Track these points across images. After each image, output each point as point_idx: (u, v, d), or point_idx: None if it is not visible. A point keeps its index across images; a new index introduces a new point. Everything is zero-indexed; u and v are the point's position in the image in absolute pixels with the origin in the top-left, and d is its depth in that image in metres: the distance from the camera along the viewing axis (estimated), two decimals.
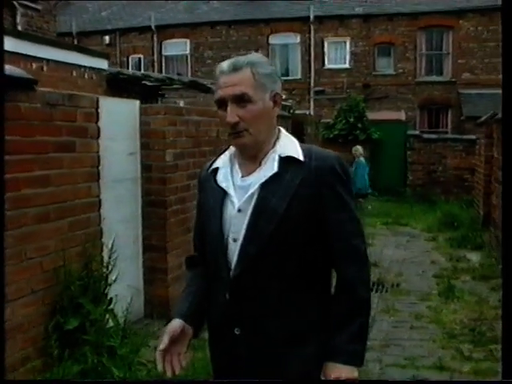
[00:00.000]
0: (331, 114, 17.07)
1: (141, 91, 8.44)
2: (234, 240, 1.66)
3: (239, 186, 1.69)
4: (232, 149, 1.77)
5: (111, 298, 3.61)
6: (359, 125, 14.33)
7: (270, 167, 1.66)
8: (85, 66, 7.46)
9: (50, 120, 3.27)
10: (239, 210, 1.66)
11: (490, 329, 4.72)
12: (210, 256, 1.75)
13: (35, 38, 7.33)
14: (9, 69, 3.11)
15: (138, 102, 4.64)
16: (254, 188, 1.65)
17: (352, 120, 14.30)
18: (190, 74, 22.52)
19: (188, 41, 22.96)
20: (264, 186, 1.64)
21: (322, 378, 1.63)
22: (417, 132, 15.66)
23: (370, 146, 14.35)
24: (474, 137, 12.05)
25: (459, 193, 13.04)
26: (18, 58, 6.19)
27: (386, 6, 20.69)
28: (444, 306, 5.49)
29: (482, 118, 9.17)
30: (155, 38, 23.23)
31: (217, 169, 1.76)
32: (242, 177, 1.70)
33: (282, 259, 1.63)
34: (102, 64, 7.92)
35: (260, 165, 1.68)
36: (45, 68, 6.69)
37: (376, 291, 6.13)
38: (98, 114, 3.74)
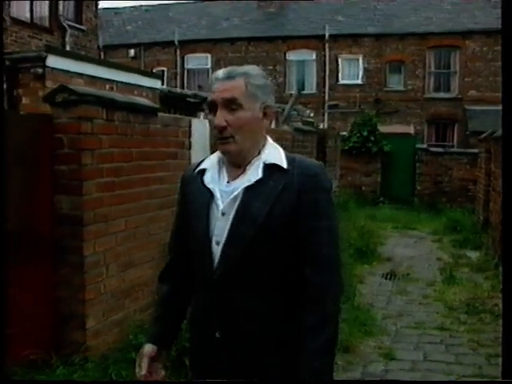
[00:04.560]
0: (344, 127, 18.38)
1: (186, 107, 9.78)
2: (217, 243, 1.69)
3: (224, 190, 1.72)
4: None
5: None
6: (372, 138, 15.60)
7: (254, 173, 1.70)
8: (143, 86, 8.79)
9: (164, 136, 4.57)
10: (223, 214, 1.70)
11: (482, 304, 5.98)
12: (194, 257, 1.78)
13: (109, 63, 8.68)
14: (142, 100, 4.44)
15: (207, 121, 5.93)
16: (238, 192, 1.69)
17: (365, 133, 15.58)
18: None
19: (209, 55, 24.29)
20: (247, 190, 1.68)
21: None
22: (425, 145, 16.86)
23: (381, 158, 15.65)
24: (476, 151, 13.27)
25: (463, 201, 14.23)
26: (96, 80, 7.54)
27: (397, 27, 22.02)
28: (446, 289, 6.74)
29: (483, 135, 10.42)
30: (178, 52, 24.59)
31: (204, 170, 1.79)
32: (228, 182, 1.74)
33: (262, 263, 1.66)
34: (156, 84, 9.25)
35: (245, 171, 1.72)
36: (114, 88, 8.00)
37: (390, 279, 7.39)
38: (190, 131, 5.05)
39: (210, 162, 1.80)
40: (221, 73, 1.71)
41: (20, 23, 12.51)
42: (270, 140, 1.78)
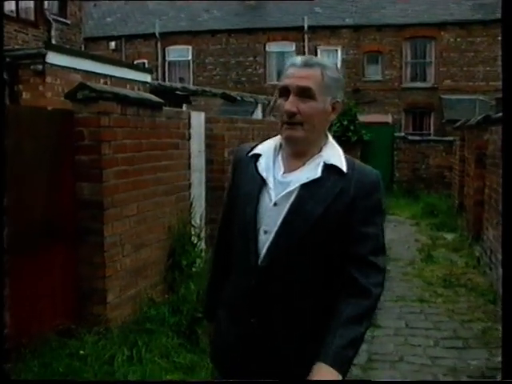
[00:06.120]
0: None
1: (174, 99, 10.17)
2: (265, 232, 1.71)
3: (279, 180, 1.72)
4: (277, 139, 1.80)
5: (201, 249, 5.34)
6: (351, 127, 16.10)
7: (313, 170, 1.70)
8: (135, 80, 9.16)
9: (168, 128, 4.99)
10: (275, 204, 1.70)
11: (457, 279, 6.54)
12: (239, 242, 1.79)
13: (103, 58, 9.02)
14: (149, 96, 4.84)
15: (203, 114, 6.35)
16: (295, 186, 1.69)
17: (345, 123, 16.08)
18: (191, 78, 24.19)
19: (190, 47, 24.51)
20: (304, 186, 1.68)
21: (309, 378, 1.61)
22: (402, 134, 17.45)
23: (361, 147, 16.18)
24: (452, 138, 13.88)
25: (439, 187, 14.85)
26: (91, 75, 7.88)
27: (375, 18, 22.54)
28: (425, 267, 7.30)
29: (457, 124, 11.00)
30: (159, 45, 24.77)
31: (258, 155, 1.79)
32: (284, 173, 1.73)
33: (308, 258, 1.69)
34: (147, 78, 9.62)
35: (304, 165, 1.72)
36: (108, 82, 8.35)
37: None
38: (190, 123, 5.47)
39: (266, 148, 1.80)
40: (299, 60, 1.70)
41: (6, 17, 12.67)
42: (331, 138, 1.80)
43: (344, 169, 1.71)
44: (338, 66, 22.57)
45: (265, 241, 1.70)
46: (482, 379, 3.95)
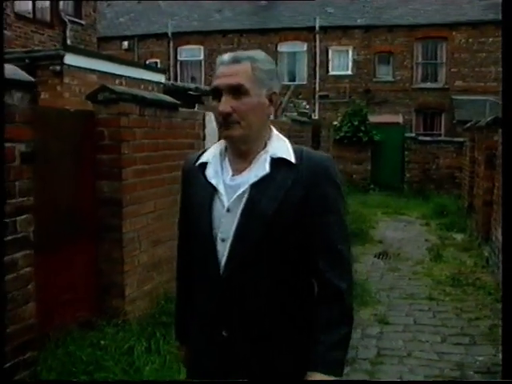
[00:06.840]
0: (335, 117, 19.00)
1: (186, 99, 10.33)
2: (223, 240, 1.64)
3: (229, 184, 1.65)
4: (222, 143, 1.74)
5: None
6: (362, 128, 16.20)
7: (261, 167, 1.63)
8: (149, 80, 9.33)
9: (183, 128, 5.14)
10: (228, 210, 1.63)
11: (465, 278, 6.64)
12: (198, 255, 1.73)
13: (118, 59, 9.22)
14: (166, 97, 4.99)
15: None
16: (244, 188, 1.62)
17: (356, 123, 16.18)
18: (203, 78, 24.39)
19: (202, 47, 24.74)
20: (254, 186, 1.62)
21: None
22: (413, 134, 17.48)
23: (371, 147, 16.28)
24: (462, 139, 13.93)
25: (450, 188, 14.89)
26: (107, 76, 8.07)
27: (386, 18, 22.61)
28: (434, 266, 7.39)
29: (467, 125, 11.08)
30: (171, 44, 25.00)
31: (205, 163, 1.72)
32: (232, 175, 1.67)
33: (271, 261, 1.62)
34: (161, 78, 9.80)
35: (250, 164, 1.65)
36: (123, 83, 8.53)
37: (382, 259, 8.03)
38: (204, 124, 5.62)
39: (211, 154, 1.74)
40: (226, 57, 1.63)
41: (23, 19, 12.91)
42: (275, 131, 1.73)
43: (293, 160, 1.64)
44: (350, 66, 22.84)
45: (223, 249, 1.63)
46: (488, 374, 4.06)
